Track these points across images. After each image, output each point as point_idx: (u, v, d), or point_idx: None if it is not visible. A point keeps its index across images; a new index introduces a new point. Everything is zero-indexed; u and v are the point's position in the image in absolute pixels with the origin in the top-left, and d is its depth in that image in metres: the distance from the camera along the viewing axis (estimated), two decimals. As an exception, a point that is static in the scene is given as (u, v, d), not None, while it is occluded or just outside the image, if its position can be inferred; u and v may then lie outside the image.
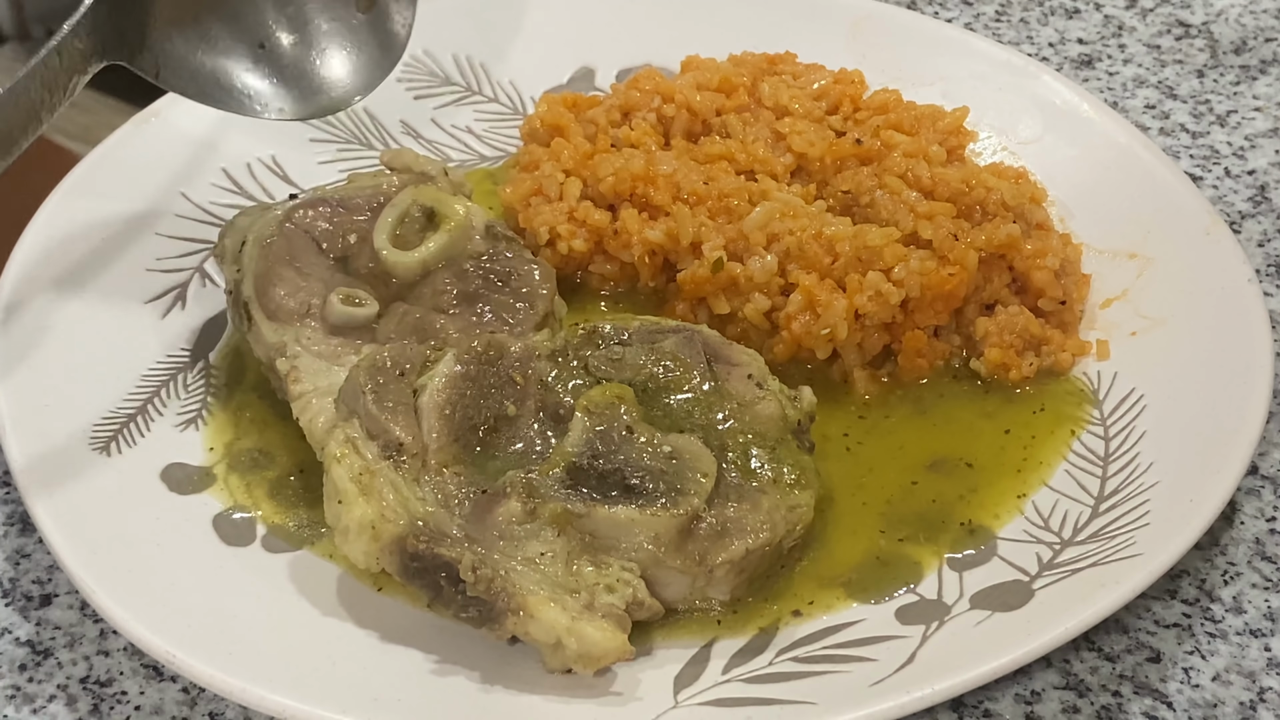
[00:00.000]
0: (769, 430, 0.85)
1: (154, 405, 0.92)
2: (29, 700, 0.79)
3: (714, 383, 0.86)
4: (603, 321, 0.89)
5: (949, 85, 1.13)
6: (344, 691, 0.76)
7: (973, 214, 1.00)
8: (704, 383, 0.86)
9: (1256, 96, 1.21)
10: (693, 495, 0.80)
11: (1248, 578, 0.85)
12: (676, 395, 0.86)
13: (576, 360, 0.87)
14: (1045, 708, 0.79)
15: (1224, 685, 0.80)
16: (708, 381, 0.86)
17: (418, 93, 1.15)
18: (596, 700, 0.77)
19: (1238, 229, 1.08)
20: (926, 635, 0.79)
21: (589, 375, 0.86)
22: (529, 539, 0.79)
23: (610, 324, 0.89)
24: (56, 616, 0.83)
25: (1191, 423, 0.88)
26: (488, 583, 0.76)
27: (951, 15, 1.30)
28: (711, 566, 0.80)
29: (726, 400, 0.86)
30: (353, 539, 0.79)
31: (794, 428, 0.86)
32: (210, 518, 0.86)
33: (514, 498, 0.80)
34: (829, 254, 0.97)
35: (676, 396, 0.86)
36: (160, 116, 1.08)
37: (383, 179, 0.98)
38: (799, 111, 1.08)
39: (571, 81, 1.17)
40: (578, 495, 0.80)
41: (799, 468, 0.84)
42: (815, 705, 0.75)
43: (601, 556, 0.79)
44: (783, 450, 0.84)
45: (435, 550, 0.77)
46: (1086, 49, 1.26)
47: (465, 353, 0.85)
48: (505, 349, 0.86)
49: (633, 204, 1.02)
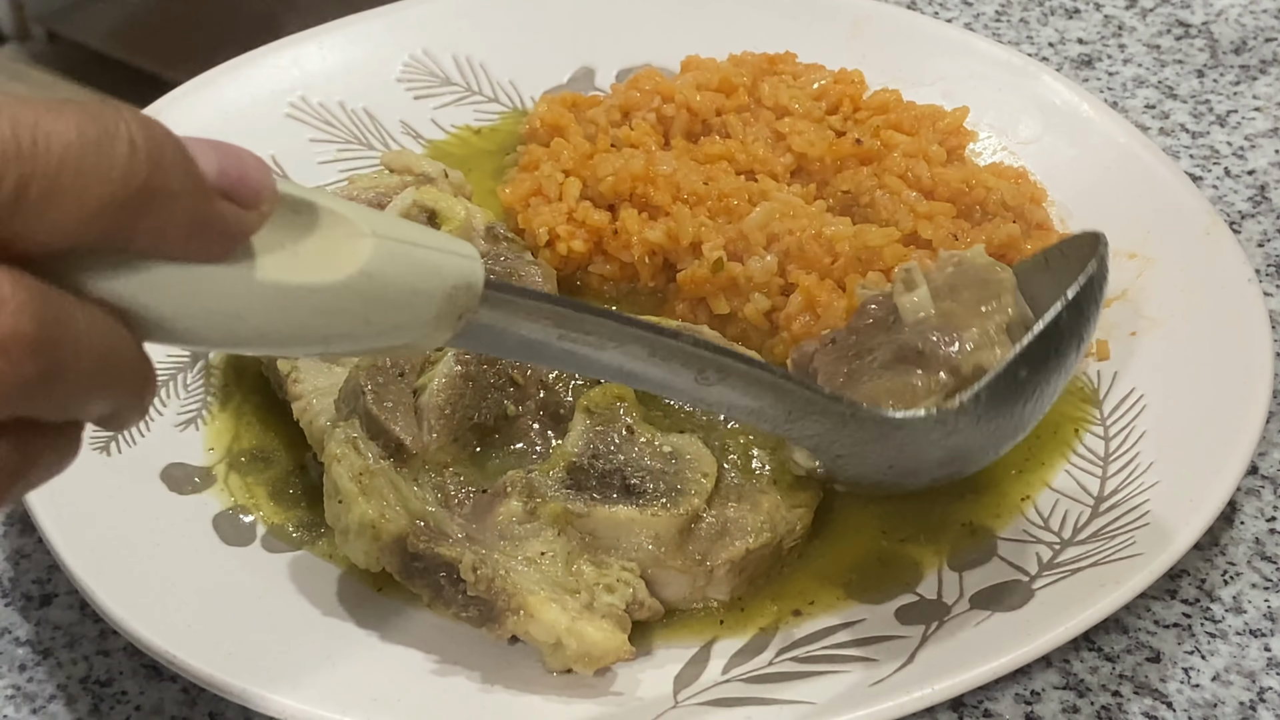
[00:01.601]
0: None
1: (154, 405, 0.92)
2: (29, 700, 0.79)
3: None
4: None
5: (949, 85, 1.13)
6: (344, 691, 0.76)
7: (973, 214, 1.00)
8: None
9: (1256, 96, 1.21)
10: (693, 495, 0.80)
11: (1248, 578, 0.85)
12: None
13: None
14: (1045, 708, 0.79)
15: (1224, 685, 0.80)
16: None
17: (418, 93, 1.15)
18: (596, 700, 0.77)
19: (1238, 229, 1.08)
20: (926, 635, 0.79)
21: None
22: (529, 538, 0.79)
23: None
24: (56, 616, 0.83)
25: (1191, 423, 0.88)
26: (488, 582, 0.76)
27: (951, 15, 1.30)
28: (712, 566, 0.80)
29: None
30: (353, 538, 0.79)
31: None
32: (210, 518, 0.86)
33: (514, 497, 0.80)
34: (829, 254, 0.97)
35: None
36: (160, 116, 1.08)
37: (383, 180, 0.98)
38: (799, 111, 1.08)
39: (571, 81, 1.17)
40: (578, 495, 0.80)
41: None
42: (815, 705, 0.75)
43: (602, 556, 0.79)
44: (784, 450, 0.84)
45: (436, 549, 0.77)
46: (1086, 49, 1.26)
47: (465, 353, 0.85)
48: (505, 349, 0.86)
49: (633, 204, 1.02)
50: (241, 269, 0.54)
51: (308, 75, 1.14)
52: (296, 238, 0.56)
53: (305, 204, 0.57)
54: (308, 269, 0.55)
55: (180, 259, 0.52)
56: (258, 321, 0.55)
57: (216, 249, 0.53)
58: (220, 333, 0.54)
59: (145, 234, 0.51)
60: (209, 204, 0.52)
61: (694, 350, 0.70)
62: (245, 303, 0.54)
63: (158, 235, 0.51)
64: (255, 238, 0.54)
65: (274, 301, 0.55)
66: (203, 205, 0.52)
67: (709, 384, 0.72)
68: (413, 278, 0.58)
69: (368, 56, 1.16)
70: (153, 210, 0.51)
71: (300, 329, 0.56)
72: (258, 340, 0.55)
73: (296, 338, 0.56)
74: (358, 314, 0.57)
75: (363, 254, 0.56)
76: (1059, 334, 0.78)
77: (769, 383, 0.73)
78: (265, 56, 1.14)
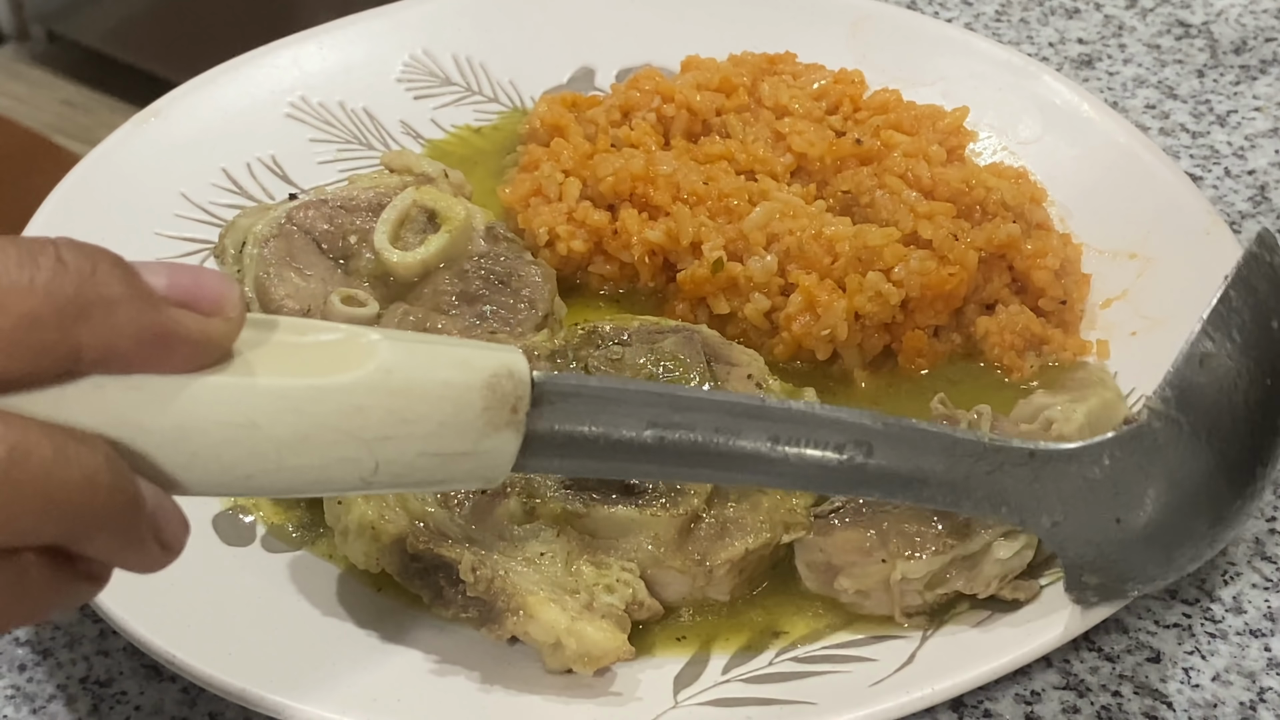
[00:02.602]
0: None
1: (154, 405, 0.92)
2: (29, 700, 0.79)
3: (714, 383, 0.86)
4: (602, 321, 0.89)
5: (949, 85, 1.13)
6: (344, 691, 0.76)
7: (973, 214, 1.00)
8: (704, 383, 0.86)
9: (1256, 96, 1.21)
10: (692, 495, 0.80)
11: (1248, 578, 0.85)
12: None
13: (576, 361, 0.87)
14: (1045, 708, 0.79)
15: (1224, 685, 0.80)
16: (708, 382, 0.86)
17: (418, 93, 1.15)
18: (596, 700, 0.77)
19: (1238, 229, 1.08)
20: (926, 635, 0.79)
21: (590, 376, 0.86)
22: (528, 539, 0.79)
23: (610, 324, 0.89)
24: (56, 616, 0.83)
25: (1191, 423, 0.88)
26: (488, 583, 0.76)
27: (951, 15, 1.30)
28: (712, 566, 0.80)
29: None
30: (353, 539, 0.79)
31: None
32: (210, 518, 0.86)
33: (513, 498, 0.80)
34: (829, 254, 0.97)
35: None
36: (160, 116, 1.08)
37: (383, 180, 0.98)
38: (799, 111, 1.08)
39: (571, 81, 1.17)
40: (577, 495, 0.80)
41: None
42: (815, 705, 0.75)
43: (601, 557, 0.79)
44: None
45: (435, 550, 0.77)
46: (1086, 49, 1.26)
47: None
48: (504, 351, 0.86)
49: (633, 204, 1.02)
50: (240, 375, 0.53)
51: (308, 75, 1.14)
52: (303, 349, 0.54)
53: (308, 326, 0.55)
54: (318, 370, 0.54)
55: (146, 368, 0.52)
56: (276, 429, 0.53)
57: (183, 356, 0.52)
58: (241, 449, 0.52)
59: (91, 347, 0.51)
60: (157, 310, 0.52)
61: (821, 420, 0.62)
62: (254, 407, 0.52)
63: (106, 346, 0.51)
64: (256, 350, 0.53)
65: (287, 404, 0.53)
66: (149, 311, 0.52)
67: (860, 459, 0.63)
68: (439, 369, 0.55)
69: (368, 56, 1.16)
70: (91, 319, 0.50)
71: (329, 433, 0.53)
72: (285, 455, 0.53)
73: (328, 448, 0.53)
74: (387, 410, 0.54)
75: (378, 351, 0.54)
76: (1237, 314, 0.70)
77: (933, 436, 0.65)
78: (265, 56, 1.14)
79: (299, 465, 0.54)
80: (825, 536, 0.80)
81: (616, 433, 0.60)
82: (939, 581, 0.79)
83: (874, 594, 0.80)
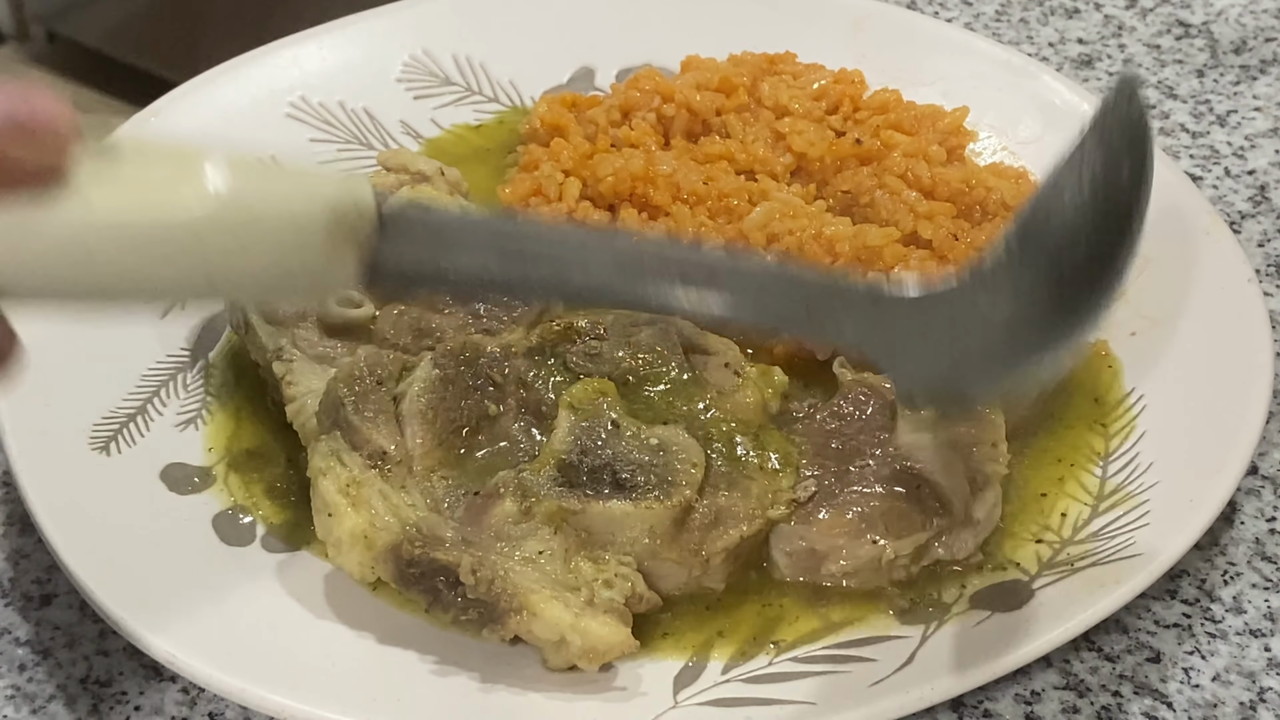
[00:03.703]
0: (751, 417, 0.85)
1: (153, 405, 0.92)
2: (29, 700, 0.79)
3: (692, 372, 0.86)
4: (577, 316, 0.89)
5: (949, 85, 1.13)
6: (343, 691, 0.76)
7: (973, 214, 1.00)
8: (683, 373, 0.86)
9: (1256, 96, 1.21)
10: (684, 486, 0.80)
11: (1248, 578, 0.85)
12: (657, 387, 0.86)
13: (554, 357, 0.86)
14: (1045, 708, 0.79)
15: (1224, 685, 0.80)
16: (686, 372, 0.86)
17: (417, 93, 1.15)
18: (596, 700, 0.77)
19: (1238, 229, 1.08)
20: (926, 635, 0.79)
21: (568, 372, 0.86)
22: (526, 538, 0.79)
23: (585, 318, 0.89)
24: (56, 616, 0.83)
25: (1191, 423, 0.88)
26: (488, 584, 0.76)
27: (951, 15, 1.30)
28: (708, 555, 0.80)
29: (706, 389, 0.86)
30: (346, 551, 0.79)
31: (773, 413, 0.86)
32: (210, 518, 0.86)
33: (508, 498, 0.80)
34: (829, 254, 0.97)
35: (657, 388, 0.86)
36: (160, 116, 1.08)
37: (380, 179, 0.98)
38: (799, 111, 1.08)
39: (571, 81, 1.17)
40: (571, 492, 0.80)
41: (783, 452, 0.84)
42: (815, 705, 0.75)
43: (598, 552, 0.79)
44: (765, 436, 0.84)
45: (432, 555, 0.77)
46: (1086, 49, 1.26)
47: (442, 356, 0.85)
48: (482, 349, 0.86)
49: (633, 204, 1.02)
50: (77, 209, 0.51)
51: (308, 75, 1.14)
52: (143, 177, 0.53)
53: (150, 150, 0.54)
54: (158, 203, 0.53)
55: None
56: (114, 263, 0.52)
57: (14, 181, 0.51)
58: (77, 275, 0.51)
59: None
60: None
61: (669, 254, 0.63)
62: (91, 242, 0.51)
63: None
64: (95, 180, 0.52)
65: (126, 238, 0.52)
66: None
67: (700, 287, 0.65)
68: (284, 200, 0.55)
69: (368, 56, 1.16)
70: None
71: (167, 265, 0.52)
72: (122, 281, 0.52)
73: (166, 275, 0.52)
74: (228, 242, 0.53)
75: (220, 180, 0.54)
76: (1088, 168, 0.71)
77: (777, 275, 0.67)
78: (265, 56, 1.14)
79: (136, 288, 0.54)
80: (805, 525, 0.82)
81: (459, 260, 0.61)
82: (923, 554, 0.82)
83: (861, 573, 0.82)
